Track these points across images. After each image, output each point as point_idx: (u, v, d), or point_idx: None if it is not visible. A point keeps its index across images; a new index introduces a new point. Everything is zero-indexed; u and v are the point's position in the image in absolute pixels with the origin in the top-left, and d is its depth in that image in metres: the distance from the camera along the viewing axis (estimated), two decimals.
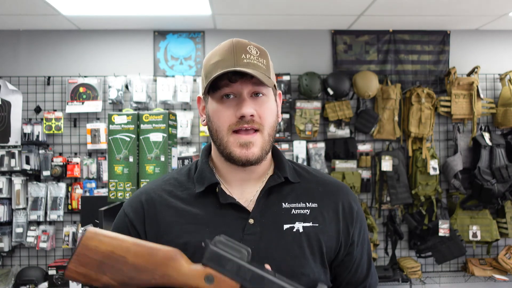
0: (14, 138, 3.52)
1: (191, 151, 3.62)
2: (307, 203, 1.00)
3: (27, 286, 3.42)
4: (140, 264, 0.81)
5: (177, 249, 0.84)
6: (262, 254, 0.93)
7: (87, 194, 3.58)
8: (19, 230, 3.56)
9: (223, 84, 0.95)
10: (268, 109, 0.98)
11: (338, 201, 1.03)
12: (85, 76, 3.70)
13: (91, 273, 0.81)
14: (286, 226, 0.97)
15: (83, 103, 3.66)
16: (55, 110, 3.68)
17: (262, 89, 0.97)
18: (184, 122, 3.64)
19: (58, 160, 3.61)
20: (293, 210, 0.99)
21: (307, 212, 0.99)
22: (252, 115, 0.94)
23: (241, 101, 0.95)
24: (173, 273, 0.81)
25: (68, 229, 3.56)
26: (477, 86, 3.73)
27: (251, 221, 0.96)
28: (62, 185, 3.61)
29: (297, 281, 0.91)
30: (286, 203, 1.00)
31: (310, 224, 0.98)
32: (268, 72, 0.98)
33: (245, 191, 1.01)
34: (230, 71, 0.92)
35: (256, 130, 0.96)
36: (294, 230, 0.97)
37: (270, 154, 1.05)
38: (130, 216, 1.00)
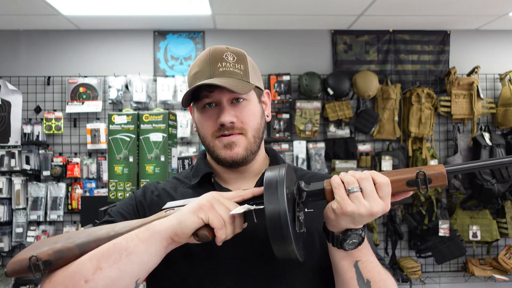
0: (14, 138, 3.52)
1: (191, 151, 3.62)
2: None
3: (27, 286, 3.42)
4: None
5: None
6: (260, 240, 0.94)
7: (87, 194, 3.58)
8: (19, 230, 3.56)
9: (203, 95, 0.99)
10: (249, 113, 1.00)
11: None
12: (85, 76, 3.70)
13: None
14: None
15: (83, 103, 3.66)
16: (55, 110, 3.68)
17: (242, 95, 0.98)
18: (184, 122, 3.64)
19: (58, 160, 3.60)
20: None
21: None
22: (232, 122, 0.97)
23: (221, 110, 0.98)
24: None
25: (68, 229, 3.56)
26: (477, 86, 3.72)
27: None
28: (62, 185, 3.61)
29: (297, 266, 0.94)
30: None
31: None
32: (246, 77, 0.99)
33: (242, 187, 1.03)
34: (205, 84, 0.95)
35: (239, 134, 0.99)
36: None
37: (264, 154, 1.09)
38: (139, 198, 1.05)
